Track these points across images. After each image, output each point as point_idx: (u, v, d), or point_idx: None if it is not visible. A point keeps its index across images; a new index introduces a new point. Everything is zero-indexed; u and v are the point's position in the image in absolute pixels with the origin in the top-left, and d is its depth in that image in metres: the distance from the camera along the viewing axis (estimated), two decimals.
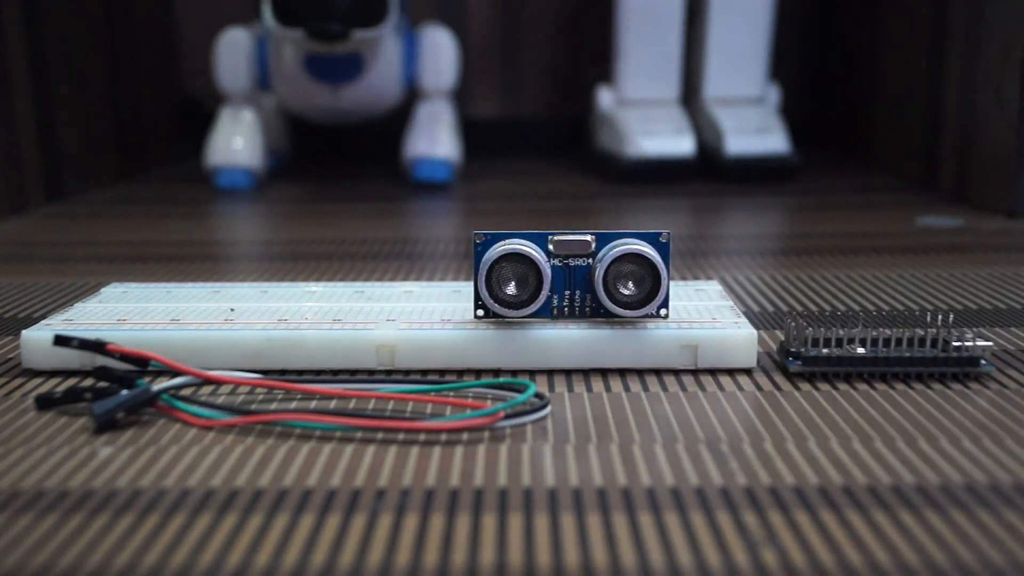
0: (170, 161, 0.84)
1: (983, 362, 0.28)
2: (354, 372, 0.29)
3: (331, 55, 0.66)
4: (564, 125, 0.89)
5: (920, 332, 0.28)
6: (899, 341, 0.28)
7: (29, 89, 0.60)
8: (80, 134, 0.67)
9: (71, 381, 0.28)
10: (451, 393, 0.27)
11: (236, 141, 0.68)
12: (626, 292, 0.28)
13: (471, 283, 0.29)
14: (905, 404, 0.26)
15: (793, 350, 0.28)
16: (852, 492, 0.21)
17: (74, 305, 0.32)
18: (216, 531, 0.19)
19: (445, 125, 0.70)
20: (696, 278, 0.41)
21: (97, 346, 0.27)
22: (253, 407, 0.26)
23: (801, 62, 0.88)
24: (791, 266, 0.43)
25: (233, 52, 0.69)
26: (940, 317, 0.30)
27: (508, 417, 0.24)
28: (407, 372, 0.29)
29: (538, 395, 0.26)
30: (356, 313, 0.30)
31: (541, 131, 0.89)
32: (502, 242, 0.28)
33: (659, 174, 0.69)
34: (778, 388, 0.27)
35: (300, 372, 0.29)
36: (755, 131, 0.70)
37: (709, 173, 0.71)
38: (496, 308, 0.28)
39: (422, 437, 0.24)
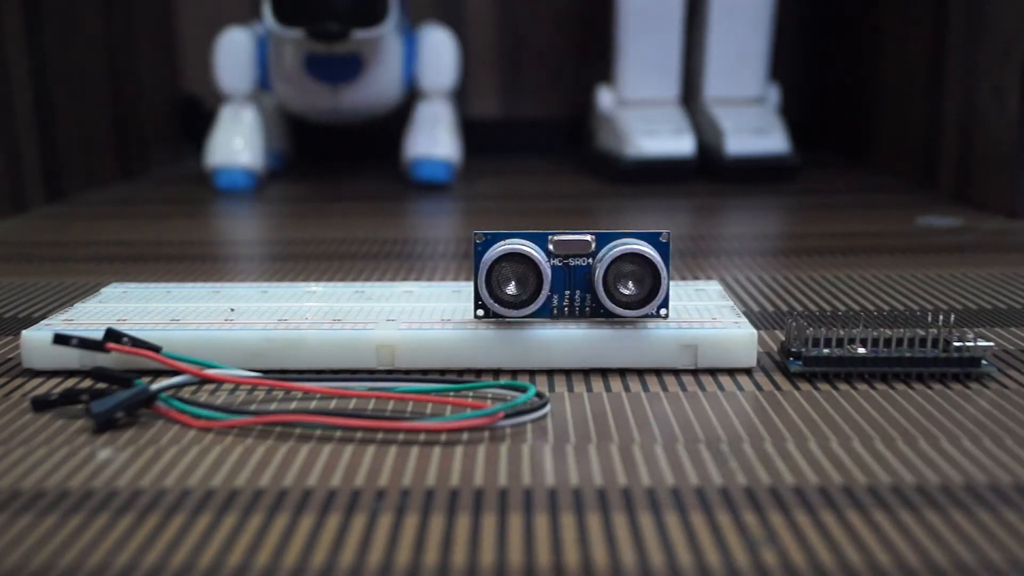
0: (170, 161, 0.84)
1: (984, 362, 0.28)
2: (354, 372, 0.29)
3: (331, 55, 0.66)
4: (564, 125, 0.89)
5: (921, 332, 0.28)
6: (900, 341, 0.28)
7: (29, 89, 0.60)
8: (80, 134, 0.67)
9: (71, 381, 0.28)
10: (451, 393, 0.27)
11: (236, 141, 0.68)
12: (626, 292, 0.28)
13: (471, 283, 0.29)
14: (905, 404, 0.26)
15: (793, 350, 0.28)
16: (852, 492, 0.21)
17: (74, 305, 0.32)
18: (216, 531, 0.19)
19: (445, 125, 0.70)
20: (696, 278, 0.41)
21: (97, 345, 0.27)
22: (253, 407, 0.26)
23: (801, 62, 0.88)
24: (791, 266, 0.43)
25: (233, 52, 0.69)
26: (941, 317, 0.30)
27: (508, 417, 0.24)
28: (407, 372, 0.29)
29: (538, 395, 0.26)
30: (356, 313, 0.30)
31: (541, 131, 0.89)
32: (502, 242, 0.28)
33: (659, 174, 0.69)
34: (778, 388, 0.27)
35: (300, 372, 0.29)
36: (755, 131, 0.70)
37: (709, 173, 0.71)
38: (496, 308, 0.28)
39: (422, 437, 0.24)
